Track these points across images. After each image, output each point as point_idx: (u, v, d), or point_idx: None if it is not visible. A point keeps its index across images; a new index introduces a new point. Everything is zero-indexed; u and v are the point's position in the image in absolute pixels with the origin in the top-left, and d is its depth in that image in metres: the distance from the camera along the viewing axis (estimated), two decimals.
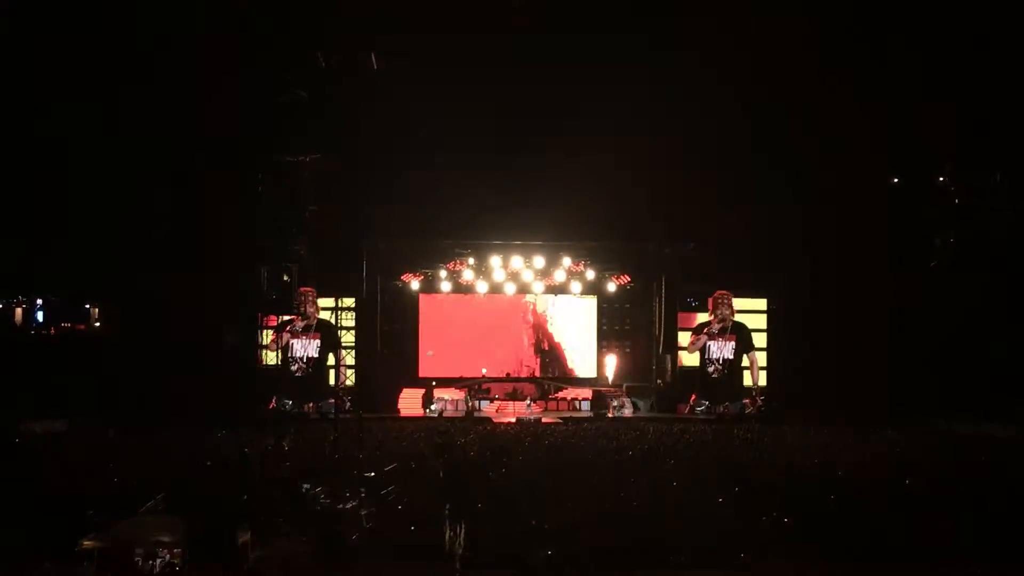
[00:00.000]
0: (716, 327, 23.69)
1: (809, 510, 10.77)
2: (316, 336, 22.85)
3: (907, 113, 21.86)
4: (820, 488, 12.03)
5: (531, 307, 26.63)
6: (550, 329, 26.65)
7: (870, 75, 21.72)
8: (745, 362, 24.05)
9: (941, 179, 23.48)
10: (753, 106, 22.41)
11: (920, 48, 21.13)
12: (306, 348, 22.85)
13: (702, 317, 24.43)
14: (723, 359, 23.82)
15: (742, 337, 23.85)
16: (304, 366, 22.76)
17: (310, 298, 22.94)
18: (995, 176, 22.38)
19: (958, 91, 21.39)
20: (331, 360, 23.18)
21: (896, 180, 24.31)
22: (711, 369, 23.82)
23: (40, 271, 26.10)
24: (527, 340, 26.70)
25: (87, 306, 29.46)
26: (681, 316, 25.08)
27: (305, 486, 11.65)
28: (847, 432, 18.09)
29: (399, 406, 24.05)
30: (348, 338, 23.98)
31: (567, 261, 25.19)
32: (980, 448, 16.81)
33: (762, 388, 23.81)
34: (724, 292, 23.74)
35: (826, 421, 19.49)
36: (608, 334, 26.71)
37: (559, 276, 25.39)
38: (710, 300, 24.07)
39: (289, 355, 22.82)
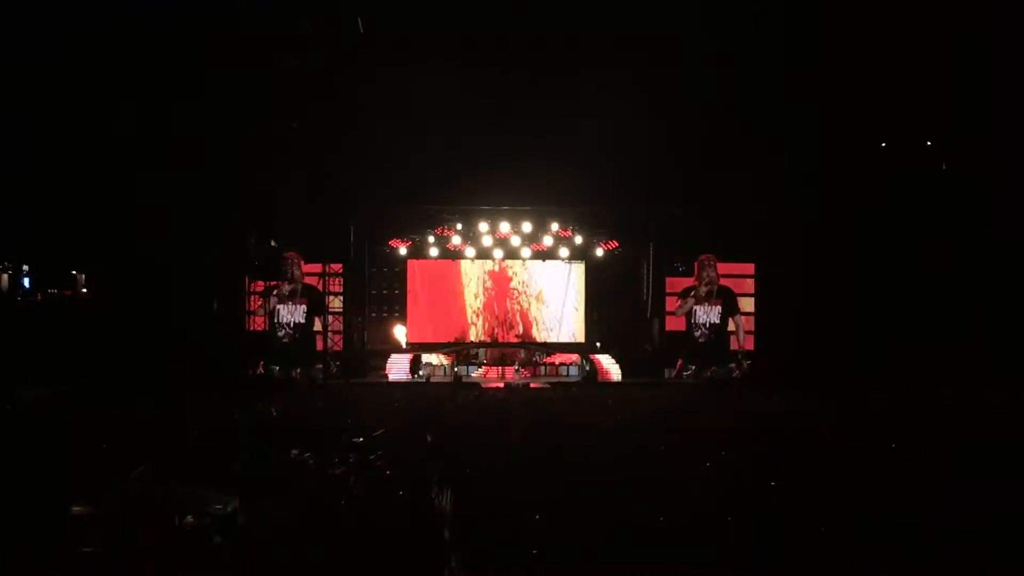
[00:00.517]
0: (703, 290, 23.75)
1: (796, 478, 10.83)
2: (303, 301, 22.86)
3: (896, 81, 21.89)
4: (808, 454, 12.13)
5: (518, 272, 26.62)
6: (537, 294, 26.67)
7: (861, 42, 21.67)
8: (731, 326, 24.19)
9: (928, 144, 23.56)
10: (742, 77, 22.45)
11: (910, 16, 21.08)
12: (292, 314, 22.87)
13: (689, 284, 24.49)
14: (710, 324, 23.95)
15: (728, 301, 23.96)
16: (291, 332, 22.77)
17: (295, 263, 22.88)
18: (982, 143, 22.45)
19: (949, 61, 21.41)
20: (317, 326, 23.18)
21: (884, 145, 24.37)
22: (698, 334, 23.94)
23: (29, 238, 26.11)
24: (515, 305, 26.71)
25: (73, 272, 29.35)
26: (669, 281, 25.05)
27: (293, 452, 11.73)
28: (833, 397, 18.25)
29: (387, 371, 24.09)
30: (336, 304, 24.02)
31: (555, 226, 25.23)
32: (967, 415, 16.93)
33: (748, 352, 23.96)
34: (709, 255, 23.77)
35: (812, 386, 19.60)
36: (596, 299, 26.73)
37: (547, 241, 25.42)
38: (696, 264, 24.11)
39: (276, 321, 22.81)
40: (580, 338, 26.40)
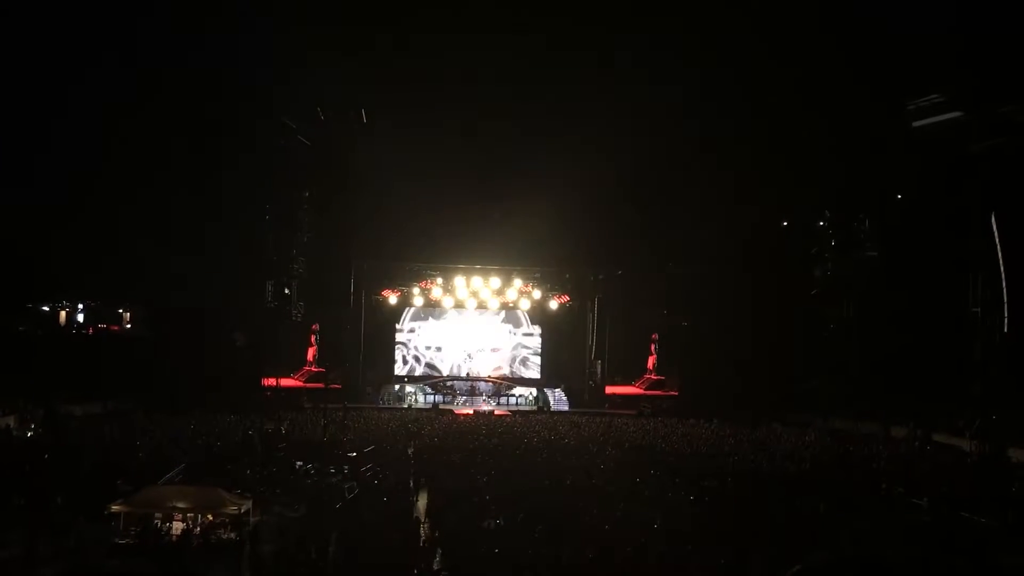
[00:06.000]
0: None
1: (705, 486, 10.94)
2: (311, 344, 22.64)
3: (797, 168, 22.30)
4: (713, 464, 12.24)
5: (487, 323, 26.55)
6: (503, 338, 26.63)
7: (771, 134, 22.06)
8: None
9: (821, 224, 23.97)
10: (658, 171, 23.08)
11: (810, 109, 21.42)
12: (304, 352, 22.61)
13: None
14: None
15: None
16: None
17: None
18: (864, 222, 22.83)
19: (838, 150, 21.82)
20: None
21: (785, 224, 24.78)
22: None
23: (86, 282, 26.06)
24: (483, 346, 26.62)
25: (120, 311, 28.99)
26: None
27: (299, 463, 11.63)
28: (740, 425, 18.49)
29: (378, 399, 23.93)
30: (337, 345, 24.31)
31: (518, 283, 25.51)
32: (846, 440, 17.20)
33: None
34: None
35: (725, 417, 19.81)
36: (550, 343, 26.74)
37: (511, 295, 25.67)
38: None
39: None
40: (536, 375, 26.38)
